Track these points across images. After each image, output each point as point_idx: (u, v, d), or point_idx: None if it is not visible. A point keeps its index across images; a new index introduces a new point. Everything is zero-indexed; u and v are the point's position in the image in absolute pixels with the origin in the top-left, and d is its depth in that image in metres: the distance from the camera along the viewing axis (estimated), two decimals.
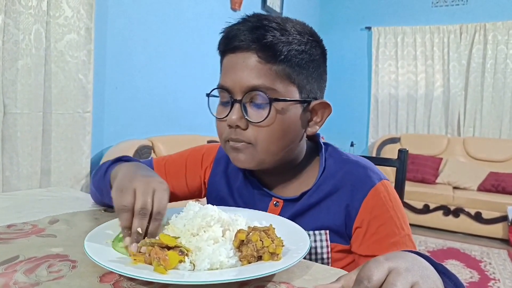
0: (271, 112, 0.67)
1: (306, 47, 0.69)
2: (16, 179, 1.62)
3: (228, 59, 0.71)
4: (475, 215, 3.46)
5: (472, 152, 4.05)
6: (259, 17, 0.69)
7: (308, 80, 0.71)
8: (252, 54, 0.67)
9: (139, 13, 2.28)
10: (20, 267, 0.52)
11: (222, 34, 0.72)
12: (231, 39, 0.69)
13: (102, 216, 0.79)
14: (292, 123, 0.70)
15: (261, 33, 0.66)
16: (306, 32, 0.70)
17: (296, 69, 0.68)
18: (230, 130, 0.70)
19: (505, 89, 4.10)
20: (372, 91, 4.64)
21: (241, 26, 0.69)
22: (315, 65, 0.72)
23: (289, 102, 0.69)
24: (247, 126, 0.68)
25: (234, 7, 3.04)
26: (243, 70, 0.67)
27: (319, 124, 0.75)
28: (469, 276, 2.67)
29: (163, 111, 2.53)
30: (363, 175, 0.73)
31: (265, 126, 0.68)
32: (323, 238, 0.72)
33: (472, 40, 4.20)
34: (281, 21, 0.69)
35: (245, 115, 0.68)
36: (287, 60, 0.67)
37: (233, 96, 0.68)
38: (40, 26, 1.64)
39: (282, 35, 0.67)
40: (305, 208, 0.74)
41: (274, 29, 0.67)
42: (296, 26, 0.70)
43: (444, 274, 0.46)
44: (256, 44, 0.66)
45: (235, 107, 0.68)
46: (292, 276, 0.53)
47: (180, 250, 0.51)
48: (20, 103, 1.61)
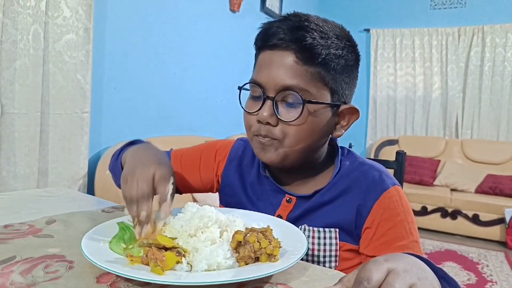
0: (303, 113, 0.68)
1: (343, 52, 0.70)
2: (14, 179, 1.62)
3: (265, 55, 0.71)
4: (472, 217, 3.46)
5: (470, 154, 4.06)
6: (300, 17, 0.70)
7: (341, 84, 0.72)
8: (290, 53, 0.68)
9: (138, 13, 2.28)
10: (17, 268, 0.52)
11: (260, 29, 0.72)
12: (271, 36, 0.69)
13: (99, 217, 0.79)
14: (321, 125, 0.71)
15: (301, 34, 0.67)
16: (344, 37, 0.71)
17: (331, 73, 0.69)
18: (259, 125, 0.71)
19: (502, 92, 4.11)
20: (370, 93, 4.65)
21: (281, 24, 0.69)
22: (349, 71, 0.72)
23: (321, 105, 0.70)
24: (277, 123, 0.69)
25: (233, 8, 3.05)
26: (279, 68, 0.68)
27: (345, 128, 0.76)
28: (466, 278, 2.67)
29: (161, 112, 2.53)
30: (377, 178, 0.74)
31: (295, 125, 0.69)
32: (333, 236, 0.73)
33: (470, 43, 4.21)
34: (321, 23, 0.69)
35: (276, 113, 0.69)
36: (324, 63, 0.68)
37: (266, 93, 0.69)
38: (38, 26, 1.64)
39: (322, 38, 0.67)
40: (317, 205, 0.75)
41: (314, 30, 0.67)
42: (335, 29, 0.71)
43: (443, 279, 0.46)
44: (296, 44, 0.67)
45: (267, 104, 0.69)
46: (289, 277, 0.53)
47: (177, 251, 0.51)
48: (18, 103, 1.61)
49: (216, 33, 2.88)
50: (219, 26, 2.92)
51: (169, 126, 2.60)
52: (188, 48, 2.66)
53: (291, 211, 0.76)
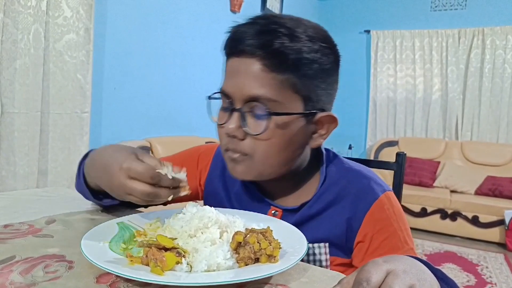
0: (270, 126, 0.63)
1: (316, 55, 0.64)
2: (13, 179, 1.62)
3: (232, 63, 0.66)
4: (472, 219, 3.47)
5: (469, 156, 4.06)
6: (268, 19, 0.65)
7: (315, 91, 0.66)
8: (256, 60, 0.62)
9: (139, 14, 2.28)
10: (16, 267, 0.52)
11: (228, 34, 0.67)
12: (237, 42, 0.64)
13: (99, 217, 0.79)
14: (293, 136, 0.66)
15: (268, 39, 0.61)
16: (318, 38, 0.65)
17: (303, 79, 0.64)
18: (228, 140, 0.66)
19: (502, 94, 4.11)
20: (370, 94, 4.66)
21: (248, 28, 0.64)
22: (324, 75, 0.66)
23: (292, 116, 0.64)
24: (244, 136, 0.65)
25: (233, 9, 3.05)
26: (245, 77, 0.63)
27: (324, 137, 0.71)
28: (465, 280, 2.67)
29: (161, 112, 2.53)
30: (366, 187, 0.70)
31: (264, 139, 0.64)
32: (322, 251, 0.70)
33: (471, 45, 4.21)
34: (292, 25, 0.63)
35: (243, 125, 0.64)
36: (294, 69, 0.62)
37: (233, 104, 0.65)
38: (39, 26, 1.64)
39: (291, 41, 0.61)
40: (305, 219, 0.71)
41: (283, 34, 0.61)
42: (309, 30, 0.64)
43: (442, 280, 0.46)
44: (262, 50, 0.62)
45: (234, 116, 0.64)
46: (289, 278, 0.53)
47: (177, 252, 0.51)
48: (18, 102, 1.61)
49: (216, 34, 2.88)
50: (219, 27, 2.92)
51: (169, 126, 2.60)
52: (188, 48, 2.67)
53: None
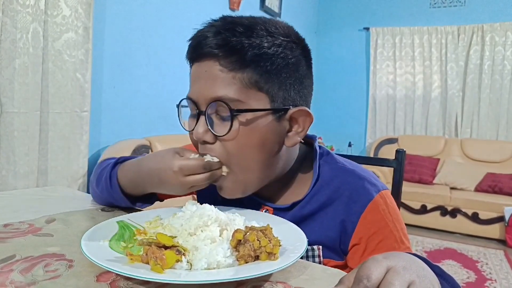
0: (233, 125, 0.61)
1: (278, 49, 0.62)
2: (13, 178, 1.62)
3: (194, 69, 0.66)
4: (472, 216, 3.47)
5: (469, 153, 4.06)
6: (225, 20, 0.64)
7: (281, 86, 0.64)
8: (214, 62, 0.62)
9: (138, 12, 2.28)
10: (17, 267, 0.52)
11: (189, 42, 0.67)
12: (196, 47, 0.64)
13: (99, 216, 0.79)
14: (263, 134, 0.64)
15: (223, 38, 0.61)
16: (280, 33, 0.64)
17: (265, 76, 0.62)
18: (201, 147, 0.67)
19: (502, 91, 4.11)
20: (370, 92, 4.65)
21: (206, 31, 0.63)
22: (290, 70, 0.64)
23: (257, 113, 0.62)
24: (214, 140, 0.64)
25: (232, 7, 3.04)
26: (206, 80, 0.63)
27: (300, 134, 0.68)
28: (465, 277, 2.68)
29: (161, 111, 2.53)
30: (360, 187, 0.69)
31: (231, 139, 0.63)
32: (316, 254, 0.69)
33: (470, 41, 4.21)
34: (250, 23, 0.63)
35: (210, 128, 0.63)
36: (254, 66, 0.61)
37: (198, 108, 0.64)
38: (37, 25, 1.64)
39: (248, 38, 0.61)
40: (297, 219, 0.69)
41: (239, 32, 0.61)
42: (269, 26, 0.63)
43: (441, 276, 0.46)
44: (219, 50, 0.61)
45: (201, 120, 0.64)
46: (289, 276, 0.53)
47: (177, 250, 0.51)
48: (17, 102, 1.60)
49: None
50: None
51: (169, 125, 2.59)
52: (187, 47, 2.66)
53: None
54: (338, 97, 4.84)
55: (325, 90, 4.83)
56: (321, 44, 4.86)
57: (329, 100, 4.84)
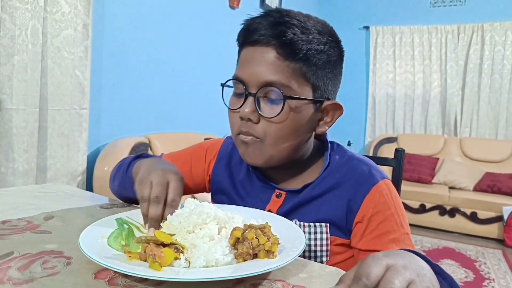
0: (284, 109, 0.67)
1: (325, 47, 0.69)
2: (12, 175, 1.61)
3: (247, 52, 0.71)
4: (470, 215, 3.48)
5: (468, 152, 4.07)
6: (281, 12, 0.70)
7: (324, 80, 0.71)
8: (271, 49, 0.67)
9: (137, 10, 2.27)
10: (15, 263, 0.52)
11: (243, 25, 0.72)
12: (252, 32, 0.69)
13: (97, 213, 0.79)
14: (303, 121, 0.71)
15: (282, 29, 0.66)
16: (326, 32, 0.71)
17: (313, 68, 0.69)
18: (241, 123, 0.71)
19: (501, 90, 4.11)
20: (369, 91, 4.65)
21: (262, 20, 0.69)
22: (331, 66, 0.72)
23: (303, 101, 0.69)
24: (258, 120, 0.69)
25: (232, 5, 3.04)
26: (260, 64, 0.68)
27: (329, 125, 0.76)
28: (464, 276, 2.68)
29: (160, 109, 2.53)
30: (366, 172, 0.74)
31: (277, 122, 0.68)
32: (323, 231, 0.73)
33: (470, 41, 4.21)
34: (303, 19, 0.69)
35: (258, 109, 0.68)
36: (305, 59, 0.67)
37: (247, 89, 0.69)
38: (36, 22, 1.63)
39: (303, 33, 0.67)
40: (307, 199, 0.75)
41: (295, 26, 0.67)
42: (317, 25, 0.70)
43: (439, 275, 0.46)
44: (276, 40, 0.67)
45: (249, 100, 0.69)
46: (287, 274, 0.53)
47: (175, 247, 0.51)
48: (16, 99, 1.60)
49: (215, 30, 2.88)
50: (218, 23, 2.92)
51: (168, 123, 2.59)
52: (187, 44, 2.66)
53: (280, 206, 0.76)
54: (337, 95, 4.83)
55: None
56: None
57: None
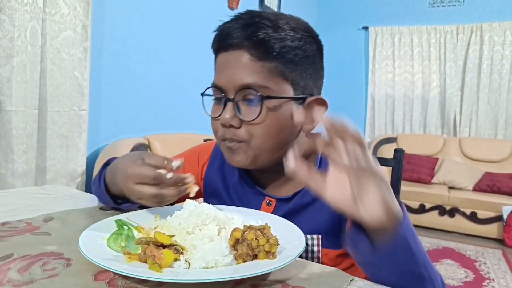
0: (263, 110, 0.66)
1: (300, 43, 0.68)
2: (11, 176, 1.61)
3: (221, 58, 0.71)
4: (470, 215, 3.48)
5: (467, 152, 4.07)
6: (251, 14, 0.69)
7: (303, 76, 0.71)
8: (244, 52, 0.67)
9: (136, 11, 2.27)
10: (14, 265, 0.52)
11: (216, 32, 0.72)
12: (224, 37, 0.69)
13: (97, 214, 0.79)
14: (286, 120, 0.69)
15: (253, 30, 0.66)
16: (300, 28, 0.70)
17: (290, 65, 0.68)
18: (224, 129, 0.70)
19: (500, 90, 4.12)
20: (369, 91, 4.65)
21: (233, 23, 0.69)
22: (309, 61, 0.71)
23: (282, 100, 0.68)
24: (240, 124, 0.68)
25: (231, 6, 3.04)
26: (235, 68, 0.67)
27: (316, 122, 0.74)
28: (464, 276, 2.68)
29: (159, 109, 2.53)
30: None
31: (258, 123, 0.67)
32: (315, 243, 0.71)
33: (469, 41, 4.21)
34: (274, 17, 0.68)
35: (238, 113, 0.68)
36: (280, 57, 0.67)
37: (226, 95, 0.69)
38: (36, 23, 1.63)
39: (275, 31, 0.66)
40: (298, 208, 0.72)
41: (266, 26, 0.66)
42: (290, 22, 0.69)
43: None
44: (248, 41, 0.66)
45: (228, 106, 0.68)
46: (287, 274, 0.53)
47: (175, 249, 0.51)
48: (15, 100, 1.60)
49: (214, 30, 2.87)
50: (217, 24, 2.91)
51: (167, 124, 2.59)
52: (186, 45, 2.66)
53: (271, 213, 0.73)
54: (337, 96, 4.83)
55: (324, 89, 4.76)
56: None
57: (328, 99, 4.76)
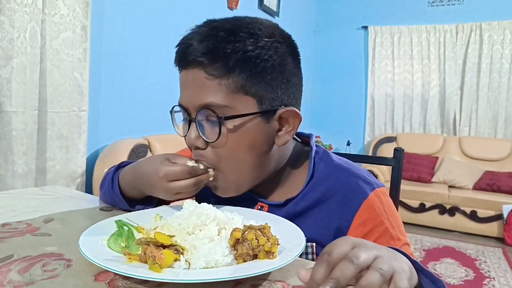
0: (222, 131, 0.62)
1: (262, 52, 0.62)
2: (11, 178, 1.61)
3: (182, 76, 0.67)
4: (470, 214, 3.48)
5: (467, 151, 4.07)
6: (209, 25, 0.64)
7: (268, 88, 0.64)
8: (199, 70, 0.62)
9: (136, 11, 2.27)
10: (15, 266, 0.52)
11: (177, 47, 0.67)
12: (182, 55, 0.65)
13: (97, 215, 0.79)
14: (253, 137, 0.65)
15: (207, 45, 0.61)
16: (263, 34, 0.63)
17: (250, 79, 0.62)
18: (194, 152, 0.68)
19: (500, 89, 4.12)
20: (368, 90, 4.65)
21: (190, 38, 0.64)
22: (275, 70, 0.64)
23: (246, 117, 0.63)
24: (206, 145, 0.65)
25: (230, 6, 3.04)
26: (193, 87, 0.64)
27: (291, 133, 0.68)
28: (464, 275, 2.68)
29: (159, 110, 2.52)
30: (354, 186, 0.68)
31: (221, 145, 0.64)
32: (309, 251, 0.68)
33: (468, 40, 4.21)
34: (232, 26, 0.63)
35: (201, 134, 0.64)
36: (238, 71, 0.61)
37: (189, 115, 0.66)
38: (35, 24, 1.63)
39: (231, 42, 0.61)
40: (291, 215, 0.69)
41: (222, 38, 0.61)
42: (253, 28, 0.63)
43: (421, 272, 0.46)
44: (204, 57, 0.61)
45: (192, 127, 0.65)
46: (287, 274, 0.53)
47: (175, 249, 0.51)
48: (15, 101, 1.60)
49: None
50: None
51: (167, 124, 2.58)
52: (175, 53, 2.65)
53: None
54: (336, 95, 4.84)
55: (323, 89, 4.83)
56: (320, 43, 4.85)
57: (328, 99, 4.84)
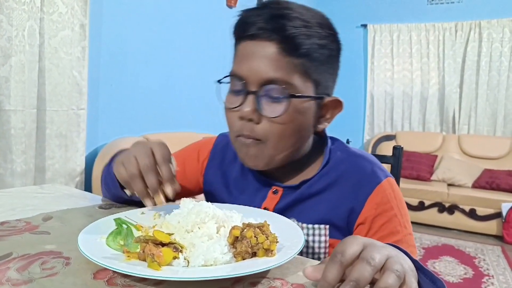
0: (289, 108, 0.64)
1: (326, 41, 0.65)
2: (10, 176, 1.61)
3: (245, 46, 0.66)
4: (469, 212, 3.48)
5: (467, 149, 4.07)
6: (280, 4, 0.65)
7: (325, 76, 0.68)
8: (272, 44, 0.63)
9: (134, 10, 2.27)
10: (13, 264, 0.52)
11: (239, 17, 0.67)
12: (250, 25, 0.64)
13: (96, 213, 0.79)
14: (306, 119, 0.67)
15: (283, 23, 0.62)
16: (325, 25, 0.67)
17: (315, 64, 0.65)
18: (241, 124, 0.66)
19: (499, 87, 4.12)
20: (368, 89, 4.66)
21: (260, 12, 0.64)
22: (332, 61, 0.68)
23: (306, 99, 0.66)
24: (259, 120, 0.65)
25: (229, 4, 3.03)
26: (261, 60, 0.63)
27: (329, 121, 0.73)
28: (463, 273, 2.69)
29: (158, 108, 2.53)
30: (369, 171, 0.71)
31: (280, 122, 0.64)
32: (322, 233, 0.70)
33: (467, 38, 4.21)
34: (303, 11, 0.65)
35: (259, 108, 0.64)
36: (307, 54, 0.63)
37: (247, 86, 0.65)
38: (33, 23, 1.63)
39: (304, 27, 0.63)
40: (305, 196, 0.71)
41: (296, 19, 0.63)
42: (317, 17, 0.66)
43: (420, 271, 0.46)
44: (278, 34, 0.62)
45: (249, 99, 0.64)
46: (286, 272, 0.53)
47: (174, 247, 0.51)
48: (14, 100, 1.60)
49: (212, 29, 2.87)
50: (215, 22, 2.91)
51: (166, 123, 2.59)
52: (185, 44, 2.65)
53: (277, 202, 0.73)
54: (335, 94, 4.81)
55: None
56: None
57: None
